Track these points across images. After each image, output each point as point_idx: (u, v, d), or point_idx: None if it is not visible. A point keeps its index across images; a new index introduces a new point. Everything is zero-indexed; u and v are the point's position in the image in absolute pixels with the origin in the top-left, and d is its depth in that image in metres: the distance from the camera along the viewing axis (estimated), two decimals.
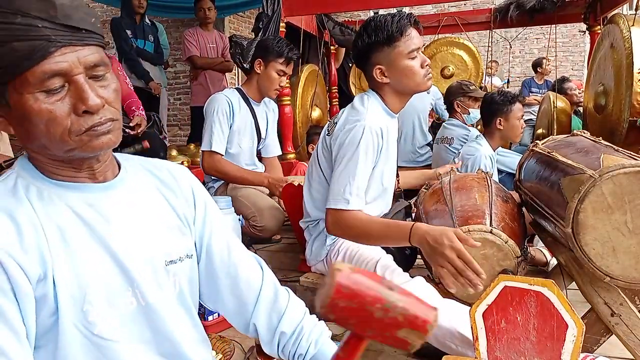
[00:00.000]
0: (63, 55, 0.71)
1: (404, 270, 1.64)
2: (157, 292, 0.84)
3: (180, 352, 0.87)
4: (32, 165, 0.80)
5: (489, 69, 8.30)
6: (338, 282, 0.60)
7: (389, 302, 0.60)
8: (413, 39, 1.69)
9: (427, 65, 1.72)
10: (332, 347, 0.96)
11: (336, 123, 1.79)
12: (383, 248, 1.75)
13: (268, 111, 2.86)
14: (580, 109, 5.73)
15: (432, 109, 4.30)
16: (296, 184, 2.30)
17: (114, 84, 0.78)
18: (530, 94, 6.68)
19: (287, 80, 2.73)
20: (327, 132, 1.84)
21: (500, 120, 2.77)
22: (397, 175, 2.05)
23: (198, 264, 0.95)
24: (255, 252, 2.81)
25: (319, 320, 1.01)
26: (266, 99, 2.83)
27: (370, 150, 1.66)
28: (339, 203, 1.63)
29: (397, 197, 2.06)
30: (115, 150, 0.84)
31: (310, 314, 1.00)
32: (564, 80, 5.95)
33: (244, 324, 0.98)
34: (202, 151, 2.64)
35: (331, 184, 1.69)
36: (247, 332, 0.98)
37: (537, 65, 7.18)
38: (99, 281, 0.77)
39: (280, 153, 3.10)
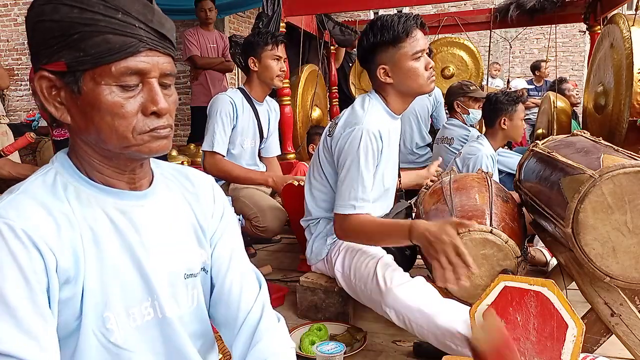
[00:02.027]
0: (147, 57, 0.75)
1: (405, 270, 1.64)
2: (174, 306, 0.84)
3: None
4: (71, 162, 0.81)
5: (494, 71, 8.30)
6: (507, 337, 1.02)
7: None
8: (418, 40, 1.69)
9: (430, 68, 1.73)
10: None
11: (337, 124, 1.80)
12: (384, 248, 1.75)
13: (270, 111, 2.86)
14: (577, 109, 5.74)
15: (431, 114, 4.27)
16: (296, 184, 2.30)
17: (175, 95, 0.82)
18: (529, 97, 6.67)
19: (286, 66, 2.73)
20: (328, 133, 1.84)
21: (504, 119, 2.77)
22: (399, 176, 2.05)
23: None
24: (256, 252, 2.83)
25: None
26: (268, 98, 2.83)
27: (370, 153, 1.67)
28: (345, 208, 1.65)
29: (398, 197, 2.06)
30: None
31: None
32: (561, 81, 5.96)
33: (230, 344, 0.95)
34: (204, 151, 2.63)
35: (337, 190, 1.71)
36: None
37: (535, 68, 7.18)
38: (121, 289, 0.78)
39: (280, 153, 3.10)
